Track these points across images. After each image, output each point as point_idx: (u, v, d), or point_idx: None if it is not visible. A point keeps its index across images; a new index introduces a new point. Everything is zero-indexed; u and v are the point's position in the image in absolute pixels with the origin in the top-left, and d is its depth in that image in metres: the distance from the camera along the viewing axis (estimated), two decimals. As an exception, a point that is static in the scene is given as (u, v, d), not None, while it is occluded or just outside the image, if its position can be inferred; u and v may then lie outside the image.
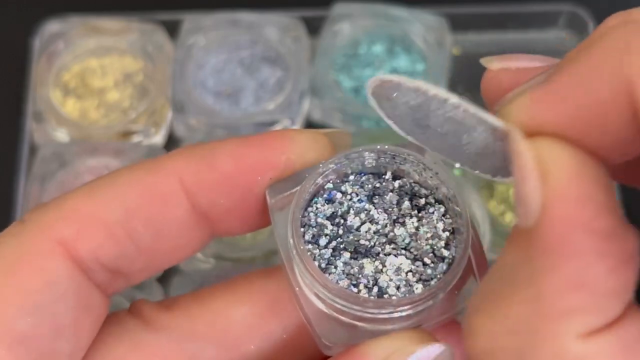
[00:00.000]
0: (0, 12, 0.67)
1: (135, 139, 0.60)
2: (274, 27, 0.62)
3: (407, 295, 0.31)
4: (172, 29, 0.63)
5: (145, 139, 0.60)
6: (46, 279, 0.31)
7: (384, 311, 0.31)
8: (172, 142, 0.61)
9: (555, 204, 0.25)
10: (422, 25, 0.62)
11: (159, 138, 0.61)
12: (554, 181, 0.26)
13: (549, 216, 0.26)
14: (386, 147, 0.33)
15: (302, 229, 0.32)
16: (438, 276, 0.32)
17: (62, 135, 0.60)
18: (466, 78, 0.63)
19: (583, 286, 0.25)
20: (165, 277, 0.56)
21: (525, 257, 0.26)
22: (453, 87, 0.62)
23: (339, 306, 0.31)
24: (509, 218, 0.57)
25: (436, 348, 0.31)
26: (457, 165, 0.31)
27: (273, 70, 0.62)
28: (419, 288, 0.32)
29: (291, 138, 0.33)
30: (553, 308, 0.25)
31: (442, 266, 0.32)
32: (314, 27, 0.62)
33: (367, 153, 0.33)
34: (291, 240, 0.32)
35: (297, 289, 0.32)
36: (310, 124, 0.62)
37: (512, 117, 0.28)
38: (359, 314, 0.31)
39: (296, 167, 0.33)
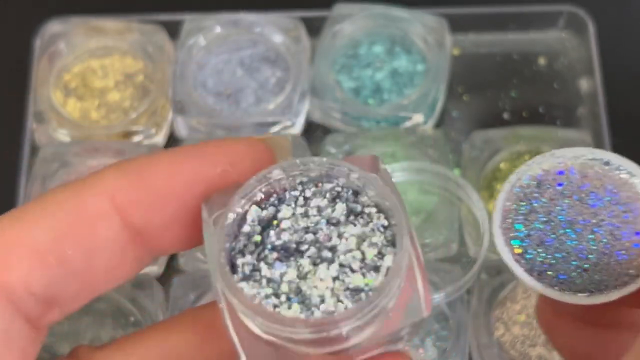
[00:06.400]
0: (1, 12, 0.67)
1: (136, 139, 0.60)
2: (275, 27, 0.62)
3: (348, 307, 0.28)
4: (173, 30, 0.63)
5: (146, 140, 0.60)
6: None
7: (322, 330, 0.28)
8: (172, 143, 0.61)
9: None
10: (422, 26, 0.62)
11: (159, 138, 0.61)
12: None
13: None
14: (324, 160, 0.30)
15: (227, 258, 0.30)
16: (369, 287, 0.29)
17: (62, 135, 0.60)
18: (466, 78, 0.63)
19: None
20: (166, 277, 0.56)
21: None
22: (453, 87, 0.63)
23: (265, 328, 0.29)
24: (508, 218, 0.57)
25: None
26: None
27: (273, 70, 0.62)
28: (348, 297, 0.28)
29: (226, 147, 0.33)
30: None
31: (376, 276, 0.29)
32: (314, 27, 0.63)
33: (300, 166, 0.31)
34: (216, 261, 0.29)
35: (220, 305, 0.30)
36: (310, 124, 0.62)
37: None
38: (283, 334, 0.28)
39: (233, 178, 0.32)
